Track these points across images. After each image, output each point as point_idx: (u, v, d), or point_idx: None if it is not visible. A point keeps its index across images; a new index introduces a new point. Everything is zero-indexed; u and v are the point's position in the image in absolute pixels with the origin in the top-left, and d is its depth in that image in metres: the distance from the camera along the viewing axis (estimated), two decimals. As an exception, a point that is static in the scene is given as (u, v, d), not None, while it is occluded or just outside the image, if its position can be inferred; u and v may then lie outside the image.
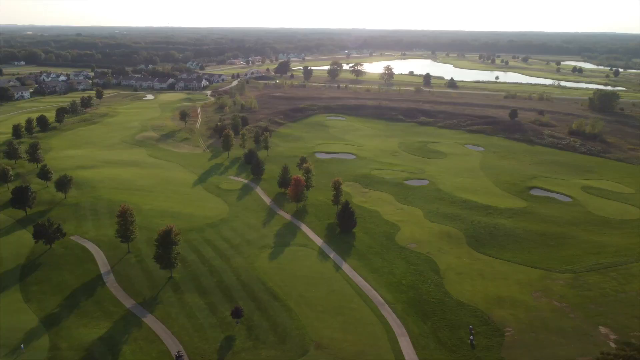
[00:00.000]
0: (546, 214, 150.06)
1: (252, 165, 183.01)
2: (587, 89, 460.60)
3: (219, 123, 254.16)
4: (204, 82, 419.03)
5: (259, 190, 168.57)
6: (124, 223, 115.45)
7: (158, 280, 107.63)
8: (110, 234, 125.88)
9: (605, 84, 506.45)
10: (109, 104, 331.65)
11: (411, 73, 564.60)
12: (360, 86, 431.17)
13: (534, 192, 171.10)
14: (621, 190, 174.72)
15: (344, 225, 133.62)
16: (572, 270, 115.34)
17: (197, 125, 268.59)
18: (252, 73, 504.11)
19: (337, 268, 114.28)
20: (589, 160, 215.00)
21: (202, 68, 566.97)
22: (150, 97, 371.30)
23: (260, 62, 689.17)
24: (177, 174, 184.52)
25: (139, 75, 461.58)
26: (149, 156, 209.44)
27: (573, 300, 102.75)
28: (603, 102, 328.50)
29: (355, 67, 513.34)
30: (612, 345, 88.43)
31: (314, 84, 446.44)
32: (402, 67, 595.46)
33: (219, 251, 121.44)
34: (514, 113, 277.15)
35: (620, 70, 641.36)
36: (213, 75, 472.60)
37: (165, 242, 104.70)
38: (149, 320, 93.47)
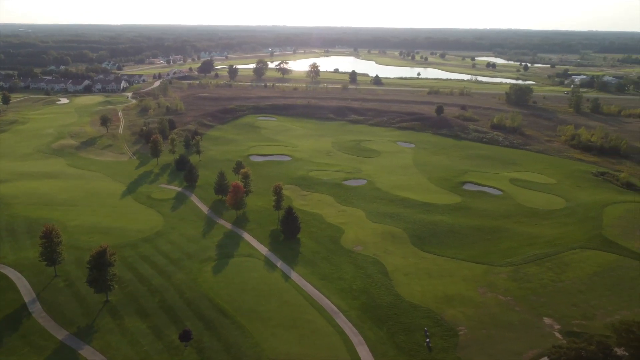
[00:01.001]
0: (480, 208, 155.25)
1: (185, 172, 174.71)
2: (501, 83, 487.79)
3: (144, 127, 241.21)
4: (123, 84, 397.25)
5: (194, 198, 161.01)
6: (49, 245, 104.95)
7: (92, 306, 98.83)
8: (32, 257, 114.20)
9: (517, 78, 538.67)
10: (18, 110, 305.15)
11: (336, 70, 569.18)
12: (288, 85, 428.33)
13: (466, 187, 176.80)
14: (544, 181, 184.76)
15: (288, 232, 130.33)
16: (512, 263, 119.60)
17: (120, 130, 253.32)
18: (175, 73, 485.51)
19: (286, 277, 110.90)
20: (512, 153, 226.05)
21: (119, 68, 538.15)
22: (64, 100, 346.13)
23: (181, 62, 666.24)
24: (102, 185, 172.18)
25: (50, 77, 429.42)
26: (69, 166, 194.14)
27: (516, 293, 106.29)
28: (518, 96, 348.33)
29: (281, 66, 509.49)
30: (558, 335, 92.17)
31: (240, 83, 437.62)
32: (326, 64, 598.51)
33: (157, 268, 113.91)
34: (440, 109, 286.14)
35: (529, 65, 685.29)
36: (133, 76, 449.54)
37: (100, 264, 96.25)
38: (87, 352, 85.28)
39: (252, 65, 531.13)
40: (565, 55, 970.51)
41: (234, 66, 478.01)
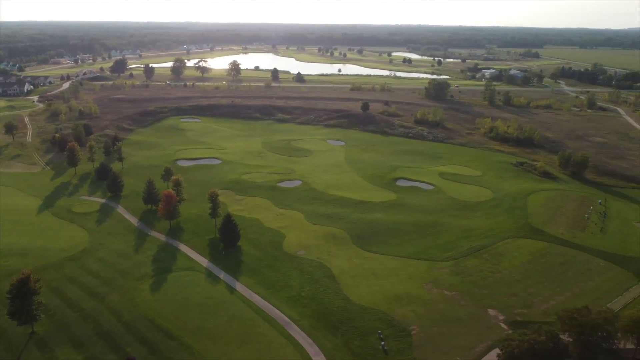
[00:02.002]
0: (415, 203, 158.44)
1: (108, 181, 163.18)
2: (419, 78, 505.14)
3: (56, 134, 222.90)
4: (27, 87, 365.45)
5: (121, 209, 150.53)
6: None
7: (16, 339, 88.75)
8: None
9: (432, 73, 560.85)
10: None
11: (257, 68, 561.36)
12: (209, 84, 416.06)
13: (399, 183, 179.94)
14: (471, 174, 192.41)
15: (227, 240, 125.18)
16: (452, 257, 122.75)
17: (28, 138, 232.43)
18: (85, 73, 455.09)
19: (231, 289, 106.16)
20: (438, 147, 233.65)
21: (21, 69, 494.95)
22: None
23: (91, 61, 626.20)
24: (14, 200, 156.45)
25: None
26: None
27: (460, 287, 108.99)
28: (437, 91, 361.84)
29: (200, 64, 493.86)
30: (503, 326, 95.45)
31: (157, 83, 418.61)
32: (246, 62, 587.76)
33: (88, 290, 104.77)
34: (365, 106, 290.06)
35: (442, 59, 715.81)
36: (38, 77, 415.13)
37: (22, 293, 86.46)
38: (16, 394, 76.21)
39: (169, 64, 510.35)
40: (473, 50, 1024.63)
41: (150, 65, 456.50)
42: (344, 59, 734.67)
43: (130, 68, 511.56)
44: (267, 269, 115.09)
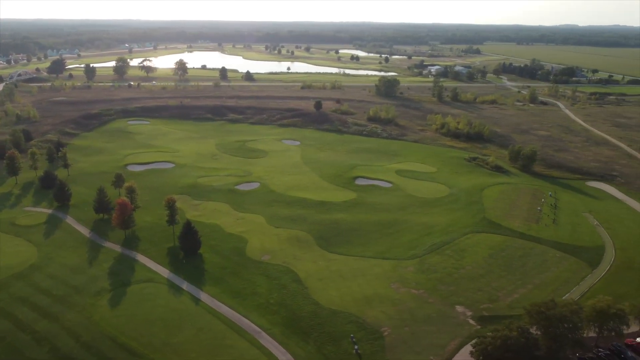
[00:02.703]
0: (376, 202, 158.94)
1: (54, 190, 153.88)
2: (367, 75, 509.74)
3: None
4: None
5: (70, 220, 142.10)
6: None
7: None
8: None
9: (380, 70, 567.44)
10: None
11: (204, 67, 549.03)
12: (155, 83, 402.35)
13: (358, 181, 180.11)
14: (426, 170, 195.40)
15: (188, 248, 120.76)
16: (416, 255, 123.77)
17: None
18: (20, 75, 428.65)
19: (196, 300, 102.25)
20: (392, 144, 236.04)
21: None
22: None
23: (25, 61, 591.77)
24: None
25: None
26: None
27: (426, 285, 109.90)
28: (387, 88, 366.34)
29: (145, 63, 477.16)
30: (471, 322, 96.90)
31: (100, 84, 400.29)
32: (192, 60, 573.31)
33: (40, 309, 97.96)
34: (318, 104, 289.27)
35: (387, 56, 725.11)
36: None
37: (-32, 318, 79.47)
38: None
39: (111, 64, 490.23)
40: (417, 46, 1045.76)
41: (91, 65, 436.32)
42: (292, 57, 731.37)
43: (70, 68, 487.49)
44: (232, 277, 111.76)
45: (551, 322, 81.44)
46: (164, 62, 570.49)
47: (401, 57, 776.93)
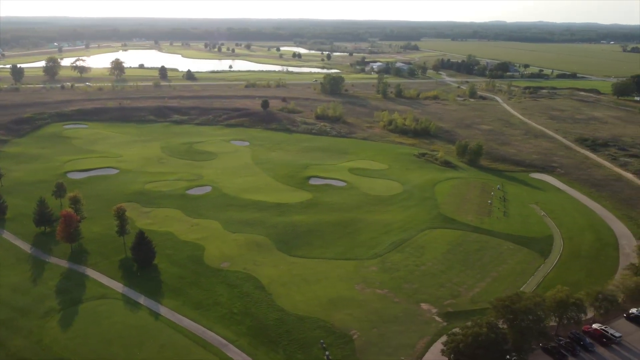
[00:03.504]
0: (332, 202, 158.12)
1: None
2: (311, 73, 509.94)
3: None
4: None
5: (7, 235, 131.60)
6: None
7: None
8: None
9: (323, 67, 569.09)
10: None
11: (142, 66, 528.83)
12: (90, 85, 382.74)
13: (312, 181, 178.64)
14: (378, 168, 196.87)
15: (142, 260, 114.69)
16: (377, 254, 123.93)
17: None
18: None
19: (156, 315, 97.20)
20: (342, 142, 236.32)
21: None
22: None
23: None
24: None
25: None
26: None
27: (390, 284, 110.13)
28: (332, 86, 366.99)
29: (78, 63, 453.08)
30: (438, 319, 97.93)
31: (29, 85, 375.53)
32: (128, 59, 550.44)
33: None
34: (265, 103, 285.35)
35: (329, 53, 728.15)
36: None
37: None
38: None
39: (41, 64, 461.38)
40: (357, 43, 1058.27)
41: (18, 65, 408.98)
42: (233, 55, 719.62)
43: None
44: (191, 287, 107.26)
45: (517, 316, 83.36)
46: (98, 61, 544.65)
47: (342, 54, 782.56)
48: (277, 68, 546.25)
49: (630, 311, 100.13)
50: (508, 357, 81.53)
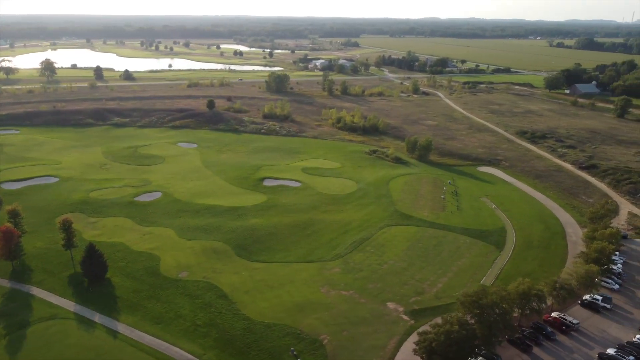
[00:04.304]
0: (288, 203, 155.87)
1: None
2: (254, 71, 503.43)
3: None
4: None
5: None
6: None
7: None
8: None
9: (265, 65, 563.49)
10: None
11: (75, 66, 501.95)
12: (18, 87, 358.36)
13: (266, 182, 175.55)
14: (331, 166, 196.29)
15: (93, 274, 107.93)
16: (339, 255, 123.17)
17: None
18: None
19: (113, 334, 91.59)
20: (292, 142, 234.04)
21: None
22: None
23: None
24: None
25: None
26: None
27: (355, 285, 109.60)
28: (278, 84, 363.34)
29: (3, 64, 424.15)
30: (405, 317, 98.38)
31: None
32: (59, 59, 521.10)
33: None
34: (211, 103, 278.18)
35: (270, 51, 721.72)
36: None
37: None
38: None
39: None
40: (298, 40, 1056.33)
41: None
42: (172, 53, 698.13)
43: None
44: (149, 301, 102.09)
45: (483, 310, 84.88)
46: (25, 61, 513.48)
47: (284, 51, 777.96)
48: (219, 66, 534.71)
49: (583, 297, 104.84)
50: (477, 350, 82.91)
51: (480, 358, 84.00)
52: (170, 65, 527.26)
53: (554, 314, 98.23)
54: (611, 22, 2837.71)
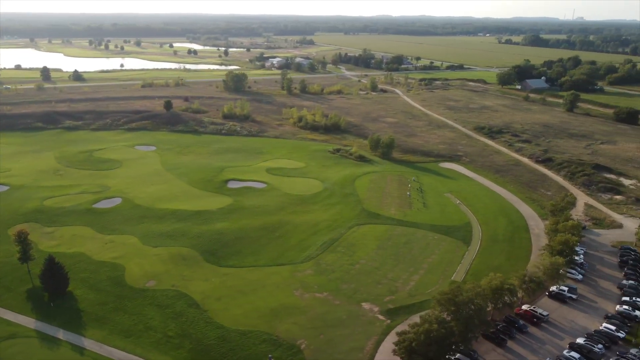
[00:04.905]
0: (255, 205, 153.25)
1: None
2: (210, 70, 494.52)
3: None
4: None
5: None
6: None
7: None
8: None
9: (221, 64, 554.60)
10: None
11: (19, 67, 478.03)
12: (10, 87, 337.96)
13: (231, 184, 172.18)
14: (295, 166, 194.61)
15: (53, 288, 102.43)
16: (310, 256, 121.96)
17: None
18: None
19: (80, 350, 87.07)
20: (255, 142, 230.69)
21: None
22: None
23: None
24: None
25: None
26: None
27: (328, 286, 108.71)
28: (236, 83, 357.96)
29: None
30: (381, 317, 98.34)
31: None
32: (1, 60, 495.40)
33: None
34: (168, 104, 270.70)
35: (225, 49, 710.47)
36: None
37: None
38: None
39: None
40: (253, 38, 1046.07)
41: None
42: (123, 53, 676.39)
43: None
44: (116, 313, 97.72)
45: (459, 307, 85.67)
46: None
47: (239, 49, 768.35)
48: (174, 66, 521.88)
49: (550, 289, 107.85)
50: (454, 347, 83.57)
51: (458, 355, 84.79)
52: (122, 65, 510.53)
53: (524, 307, 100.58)
54: (554, 20, 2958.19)
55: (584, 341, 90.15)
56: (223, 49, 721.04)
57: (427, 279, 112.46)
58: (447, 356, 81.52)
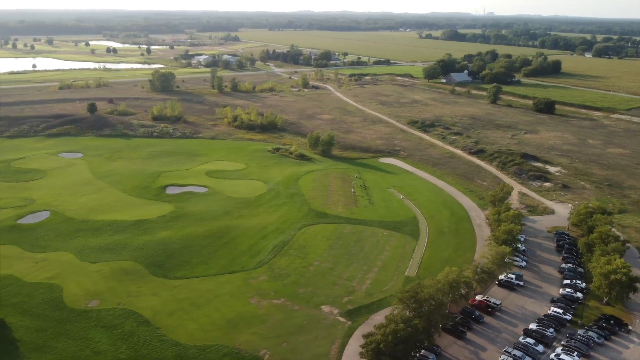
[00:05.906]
0: (197, 211, 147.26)
1: None
2: (133, 69, 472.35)
3: None
4: None
5: None
6: None
7: None
8: None
9: (144, 63, 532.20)
10: None
11: None
12: None
13: (169, 190, 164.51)
14: (235, 168, 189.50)
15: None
16: (262, 261, 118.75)
17: None
18: None
19: (21, 385, 78.92)
20: (190, 144, 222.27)
21: None
22: None
23: None
24: None
25: None
26: None
27: (285, 292, 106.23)
28: (163, 82, 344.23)
29: None
30: (341, 319, 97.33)
31: None
32: None
33: None
34: (93, 107, 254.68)
35: (147, 47, 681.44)
36: None
37: None
38: None
39: None
40: (175, 35, 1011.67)
41: None
42: (34, 52, 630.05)
43: None
44: (58, 340, 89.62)
45: (421, 304, 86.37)
46: None
47: (162, 47, 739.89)
48: (93, 65, 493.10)
49: (499, 278, 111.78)
50: (418, 344, 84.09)
51: (423, 351, 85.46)
52: (34, 66, 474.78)
53: (478, 297, 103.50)
54: (467, 15, 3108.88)
55: (537, 326, 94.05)
56: (145, 46, 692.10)
57: (382, 277, 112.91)
58: (412, 353, 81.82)
